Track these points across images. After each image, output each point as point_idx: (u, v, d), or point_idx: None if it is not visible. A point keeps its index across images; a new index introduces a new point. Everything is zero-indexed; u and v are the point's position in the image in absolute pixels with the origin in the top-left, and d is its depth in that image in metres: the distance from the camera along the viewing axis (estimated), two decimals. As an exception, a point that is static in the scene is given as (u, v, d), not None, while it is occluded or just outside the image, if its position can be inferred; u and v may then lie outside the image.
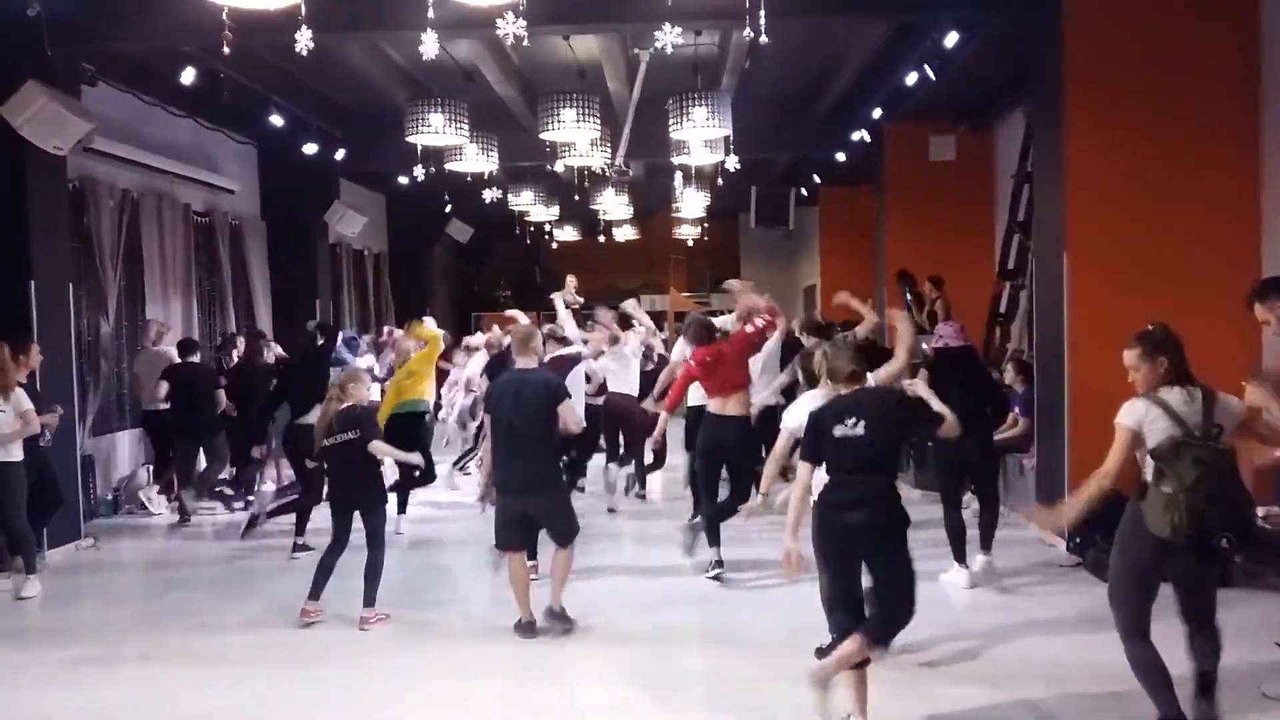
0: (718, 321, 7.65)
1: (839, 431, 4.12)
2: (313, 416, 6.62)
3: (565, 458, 7.33)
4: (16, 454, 6.56)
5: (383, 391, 8.86)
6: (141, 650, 5.61)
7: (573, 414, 5.66)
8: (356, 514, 5.92)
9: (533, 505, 5.59)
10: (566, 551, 5.69)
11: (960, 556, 6.36)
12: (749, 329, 6.86)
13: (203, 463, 9.37)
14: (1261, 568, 6.02)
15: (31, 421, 6.66)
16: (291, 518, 7.77)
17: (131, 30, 7.61)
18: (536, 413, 5.50)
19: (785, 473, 5.27)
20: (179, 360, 9.09)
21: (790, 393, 7.67)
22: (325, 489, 6.50)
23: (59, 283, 7.87)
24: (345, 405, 5.90)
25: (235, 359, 9.91)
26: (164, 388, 8.94)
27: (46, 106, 7.05)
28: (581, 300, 15.06)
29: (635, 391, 9.02)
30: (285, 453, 8.39)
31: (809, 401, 5.00)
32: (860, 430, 4.10)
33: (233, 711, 4.72)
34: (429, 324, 8.41)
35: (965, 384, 6.34)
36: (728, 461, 6.77)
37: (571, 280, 15.54)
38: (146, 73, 9.34)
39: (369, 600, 5.86)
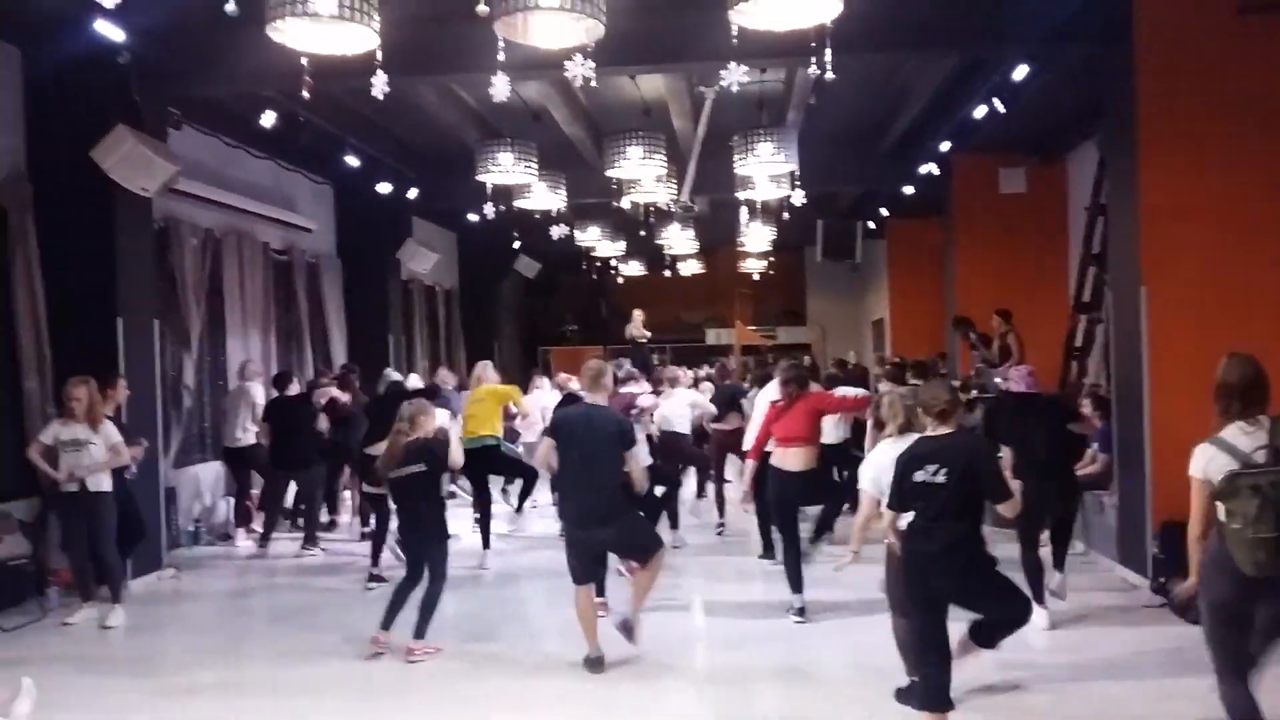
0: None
1: (919, 477, 4.09)
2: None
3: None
4: (106, 485, 6.79)
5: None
6: (221, 680, 5.73)
7: (638, 465, 5.66)
8: None
9: (603, 537, 5.59)
10: (651, 568, 5.66)
11: (1039, 597, 6.19)
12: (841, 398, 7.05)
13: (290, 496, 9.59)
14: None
15: (121, 453, 6.90)
16: (365, 548, 7.89)
17: (215, 76, 7.91)
18: (607, 448, 5.52)
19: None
20: (272, 395, 9.37)
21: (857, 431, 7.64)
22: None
23: (144, 319, 8.16)
24: (412, 438, 5.98)
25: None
26: (263, 428, 9.23)
27: (134, 149, 7.33)
28: (649, 335, 15.10)
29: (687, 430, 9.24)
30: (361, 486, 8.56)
31: (882, 454, 4.94)
32: (941, 478, 4.06)
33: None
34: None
35: (1039, 429, 6.24)
36: (805, 505, 6.78)
37: (639, 314, 15.62)
38: (229, 116, 9.69)
39: (420, 632, 5.88)
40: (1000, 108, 8.92)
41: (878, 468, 4.87)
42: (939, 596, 4.12)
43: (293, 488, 9.67)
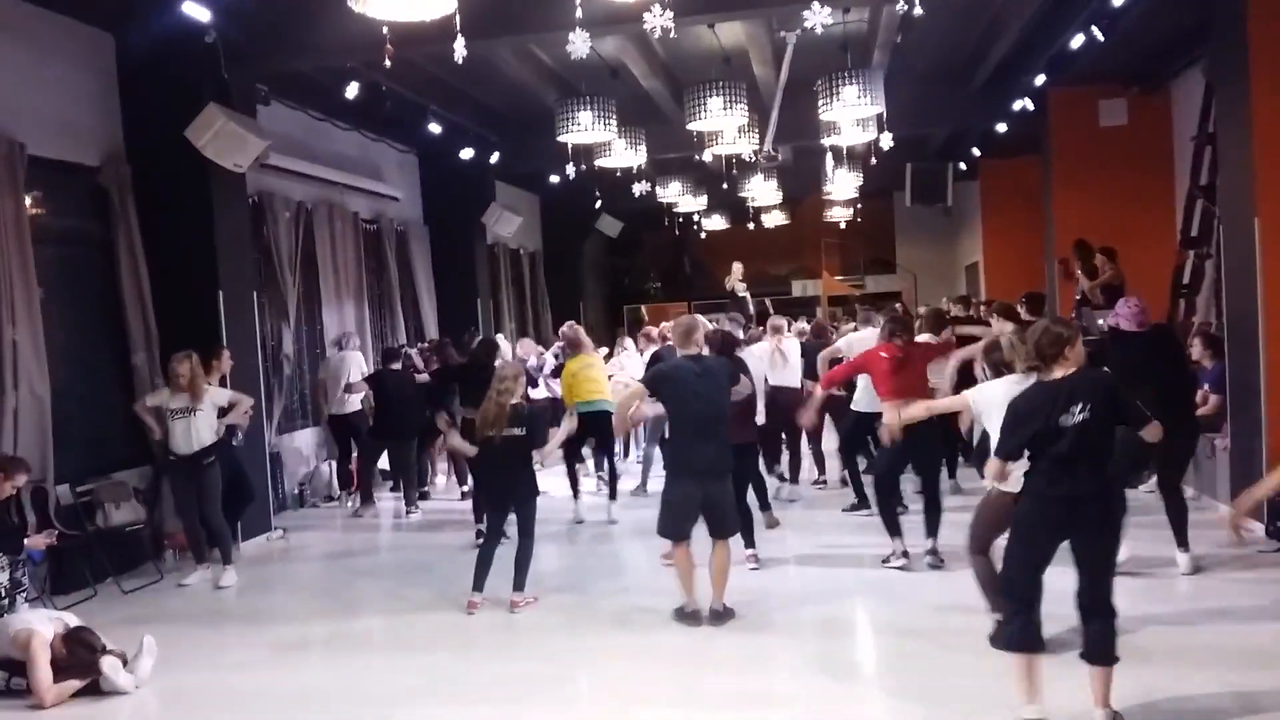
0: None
1: (1065, 421, 3.88)
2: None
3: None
4: (211, 454, 7.04)
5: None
6: (331, 634, 5.96)
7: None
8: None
9: (712, 490, 5.54)
10: (726, 546, 5.65)
11: (1183, 542, 6.01)
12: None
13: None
14: None
15: (242, 399, 7.28)
16: (465, 506, 8.07)
17: (299, 50, 8.04)
18: (720, 395, 5.53)
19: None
20: (373, 367, 9.61)
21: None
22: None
23: (244, 291, 8.41)
24: (515, 402, 6.06)
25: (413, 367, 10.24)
26: (366, 394, 9.48)
27: (226, 127, 7.52)
28: (745, 285, 14.90)
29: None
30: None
31: (999, 389, 4.74)
32: (1087, 415, 3.86)
33: (421, 691, 4.92)
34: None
35: (1156, 369, 5.96)
36: (913, 462, 6.62)
37: (738, 266, 15.47)
38: (315, 90, 9.85)
39: (519, 585, 6.05)
40: (1098, 35, 8.48)
41: (990, 402, 4.70)
42: (1060, 542, 3.95)
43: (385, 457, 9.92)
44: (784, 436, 8.97)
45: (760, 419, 7.42)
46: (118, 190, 7.78)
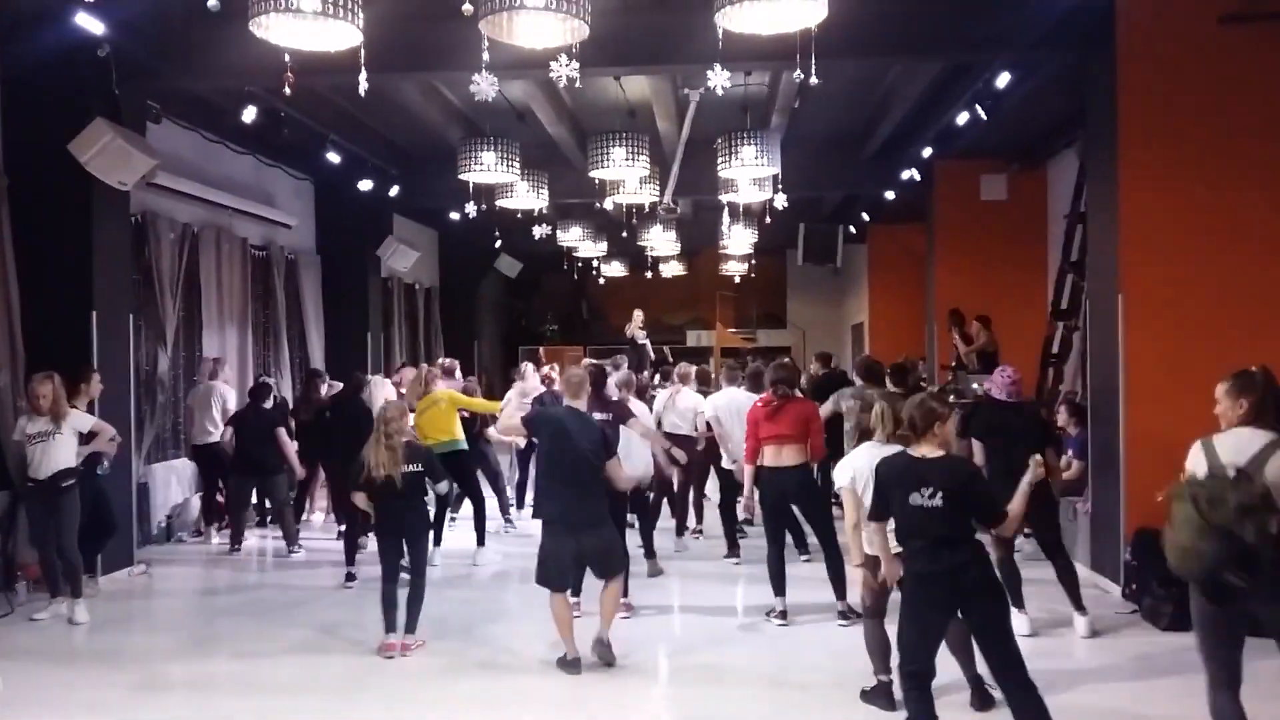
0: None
1: (915, 501, 3.98)
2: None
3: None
4: (70, 479, 6.69)
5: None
6: (190, 676, 5.69)
7: (618, 473, 5.67)
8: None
9: (586, 543, 5.53)
10: (616, 584, 5.67)
11: (1018, 602, 6.19)
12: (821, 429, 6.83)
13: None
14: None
15: (105, 429, 6.96)
16: (338, 546, 7.86)
17: (196, 69, 7.83)
18: (593, 452, 5.50)
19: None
20: (241, 399, 9.30)
21: (835, 429, 7.61)
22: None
23: (120, 313, 8.08)
24: (406, 439, 6.02)
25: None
26: (227, 433, 9.16)
27: (112, 143, 7.26)
28: (645, 333, 15.01)
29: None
30: (335, 487, 8.49)
31: (860, 457, 4.89)
32: (939, 501, 3.95)
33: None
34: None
35: (1020, 432, 6.23)
36: (799, 509, 6.71)
37: (639, 314, 15.57)
38: (210, 110, 9.62)
39: (411, 627, 5.95)
40: (982, 114, 8.96)
41: (856, 469, 4.85)
42: (941, 619, 4.05)
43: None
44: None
45: (648, 469, 7.45)
46: (-10, 200, 7.42)
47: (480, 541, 8.49)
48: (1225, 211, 7.02)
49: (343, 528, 8.68)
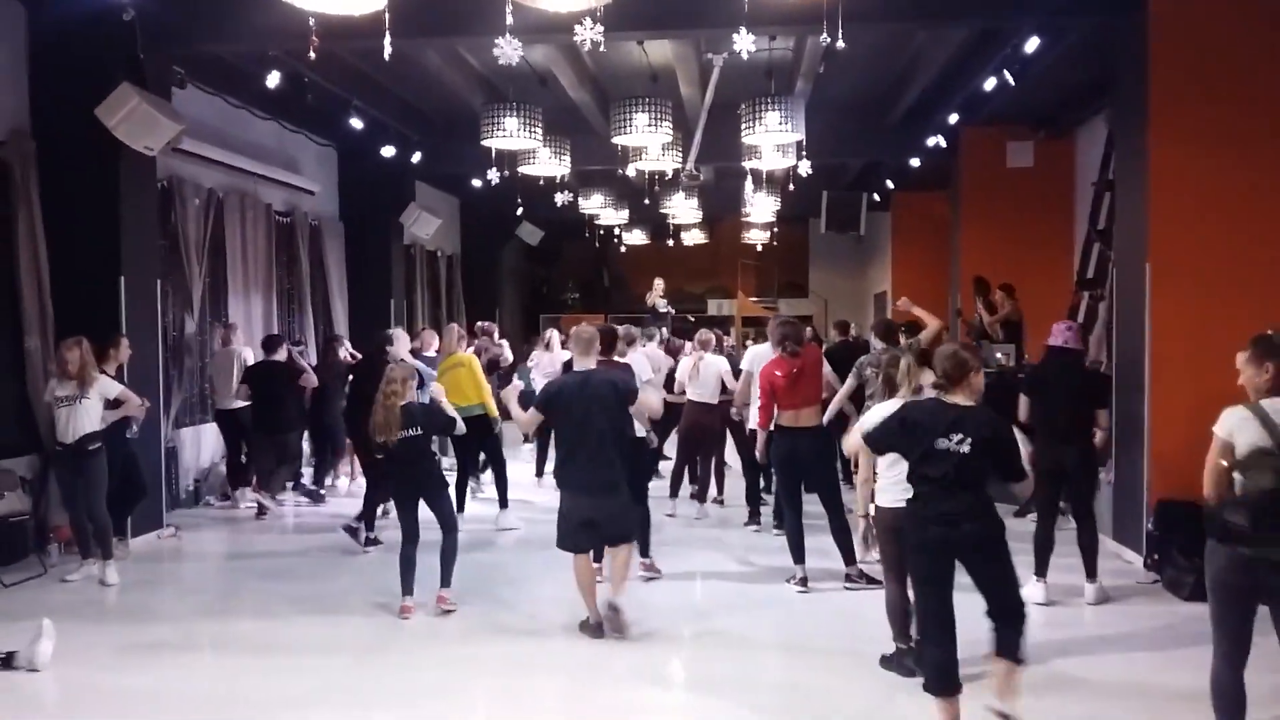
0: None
1: (942, 445, 4.00)
2: None
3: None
4: (98, 442, 6.78)
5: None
6: (215, 637, 5.80)
7: (648, 403, 5.69)
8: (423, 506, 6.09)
9: (599, 506, 5.57)
10: (625, 551, 5.69)
11: (1042, 570, 6.21)
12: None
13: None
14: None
15: (130, 398, 6.98)
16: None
17: (221, 34, 7.85)
18: (608, 413, 5.52)
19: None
20: (257, 358, 9.36)
21: (858, 398, 7.59)
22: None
23: (147, 279, 8.15)
24: (405, 402, 6.00)
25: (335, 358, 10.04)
26: (243, 389, 9.23)
27: (139, 108, 7.29)
28: (666, 301, 14.98)
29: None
30: (360, 449, 8.57)
31: (885, 411, 4.85)
32: (966, 448, 3.98)
33: (299, 699, 4.83)
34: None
35: (1070, 389, 6.23)
36: (806, 474, 6.71)
37: (660, 282, 15.53)
38: (234, 76, 9.62)
39: (446, 581, 6.05)
40: (1010, 80, 8.85)
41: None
42: (953, 565, 4.07)
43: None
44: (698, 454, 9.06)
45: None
46: (21, 166, 7.47)
47: (503, 504, 8.56)
48: (1256, 180, 6.93)
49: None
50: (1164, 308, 6.97)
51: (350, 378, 9.09)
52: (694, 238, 19.25)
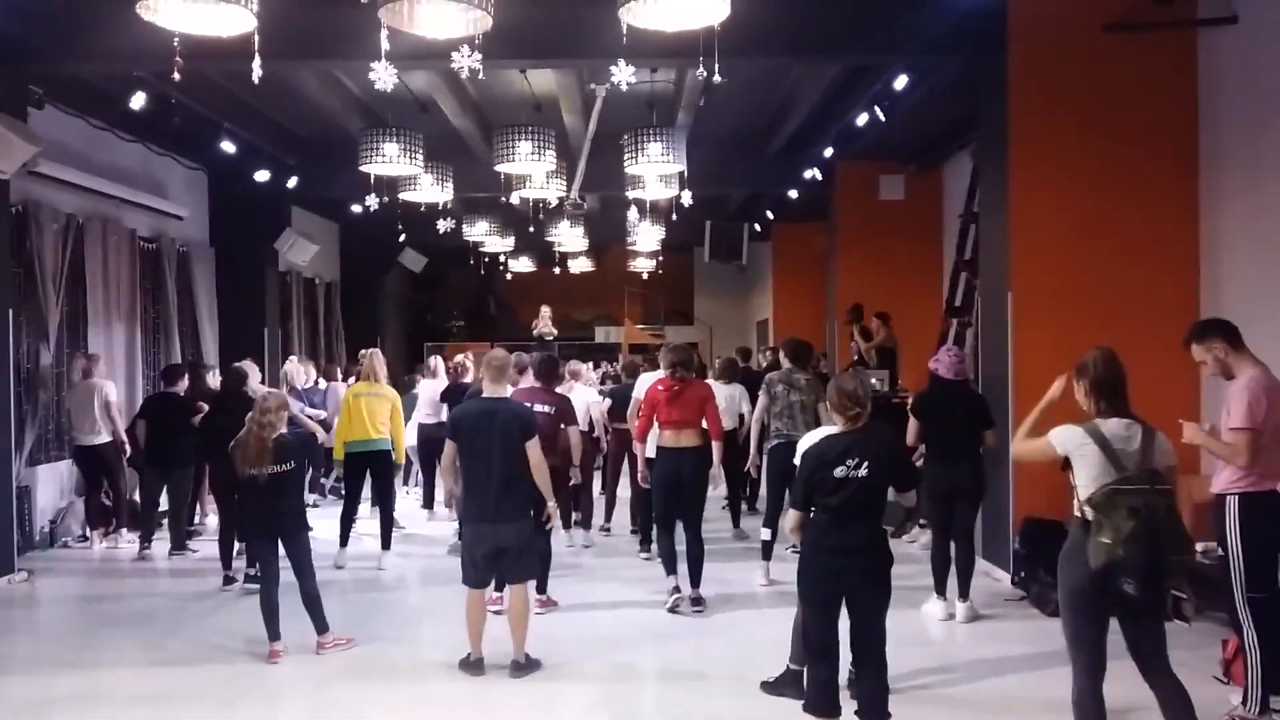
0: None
1: (839, 473, 4.06)
2: None
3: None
4: None
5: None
6: (76, 689, 5.44)
7: (537, 455, 5.48)
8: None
9: (506, 535, 5.41)
10: (520, 591, 5.53)
11: (941, 589, 6.42)
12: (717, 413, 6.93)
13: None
14: (1202, 602, 6.13)
15: None
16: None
17: (81, 53, 7.49)
18: (514, 443, 5.39)
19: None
20: (155, 389, 8.93)
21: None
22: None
23: (-2, 308, 7.69)
24: (277, 434, 5.76)
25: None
26: (139, 425, 8.77)
27: (-10, 129, 6.92)
28: (555, 332, 14.93)
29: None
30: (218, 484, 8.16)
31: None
32: (864, 471, 4.06)
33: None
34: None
35: (963, 413, 6.46)
36: (682, 494, 6.76)
37: (546, 310, 15.41)
38: (96, 96, 9.22)
39: (321, 627, 5.82)
40: (881, 116, 9.19)
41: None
42: (842, 596, 4.14)
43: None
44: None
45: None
46: None
47: (385, 545, 8.32)
48: (1109, 213, 7.33)
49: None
50: (1025, 334, 7.28)
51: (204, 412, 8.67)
52: (581, 265, 19.29)
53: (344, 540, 8.24)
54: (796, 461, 4.42)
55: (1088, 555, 3.69)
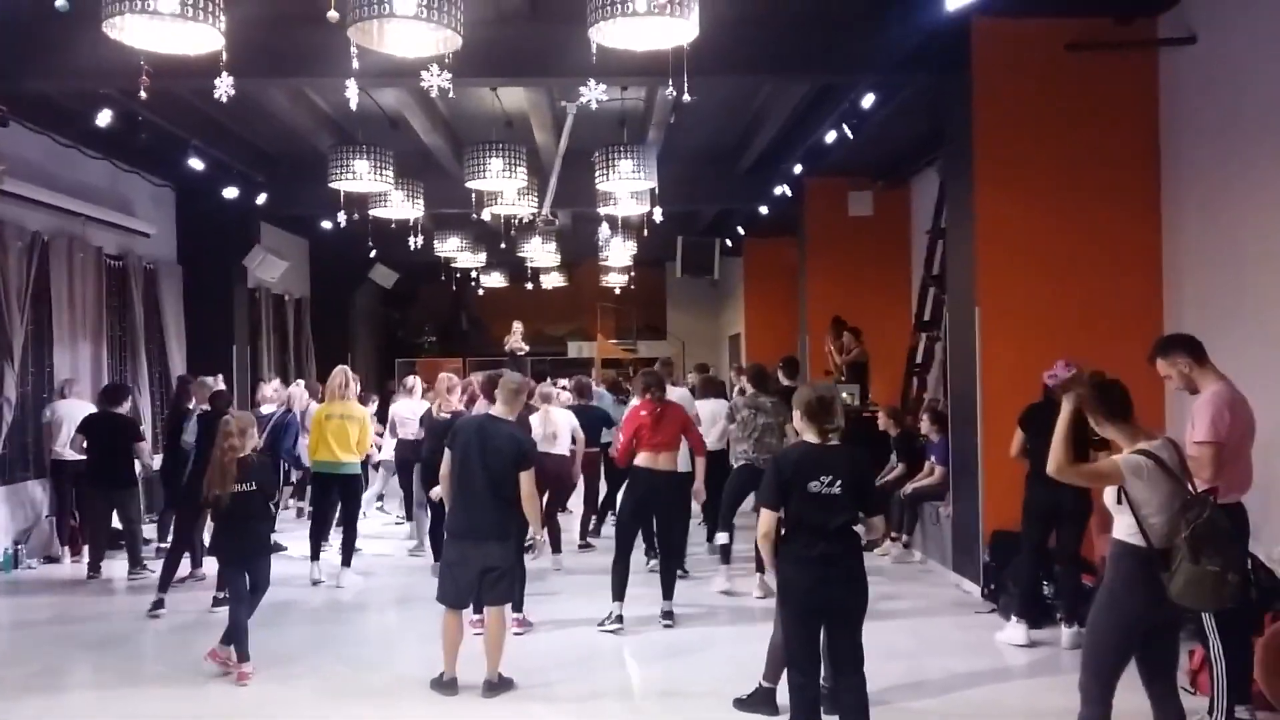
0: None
1: (814, 488, 4.09)
2: None
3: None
4: None
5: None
6: (39, 713, 5.34)
7: (530, 487, 5.44)
8: None
9: (492, 555, 5.38)
10: (497, 613, 5.48)
11: (1029, 613, 6.29)
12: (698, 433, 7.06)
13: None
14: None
15: None
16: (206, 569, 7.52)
17: (46, 70, 7.43)
18: (504, 463, 5.37)
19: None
20: (97, 409, 8.78)
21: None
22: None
23: (-40, 327, 7.58)
24: (244, 455, 5.74)
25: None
26: (79, 440, 8.64)
27: (-47, 146, 6.84)
28: (527, 348, 14.88)
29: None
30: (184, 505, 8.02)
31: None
32: (837, 490, 4.09)
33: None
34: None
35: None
36: (657, 515, 6.77)
37: (518, 326, 15.35)
38: (61, 113, 9.13)
39: (239, 649, 5.70)
40: (848, 133, 9.27)
41: None
42: (824, 607, 4.17)
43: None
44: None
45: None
46: None
47: (346, 563, 8.23)
48: (1073, 228, 7.43)
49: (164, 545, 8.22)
50: (993, 348, 7.37)
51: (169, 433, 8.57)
52: (553, 281, 19.28)
53: (315, 554, 8.19)
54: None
55: (1166, 585, 3.66)
